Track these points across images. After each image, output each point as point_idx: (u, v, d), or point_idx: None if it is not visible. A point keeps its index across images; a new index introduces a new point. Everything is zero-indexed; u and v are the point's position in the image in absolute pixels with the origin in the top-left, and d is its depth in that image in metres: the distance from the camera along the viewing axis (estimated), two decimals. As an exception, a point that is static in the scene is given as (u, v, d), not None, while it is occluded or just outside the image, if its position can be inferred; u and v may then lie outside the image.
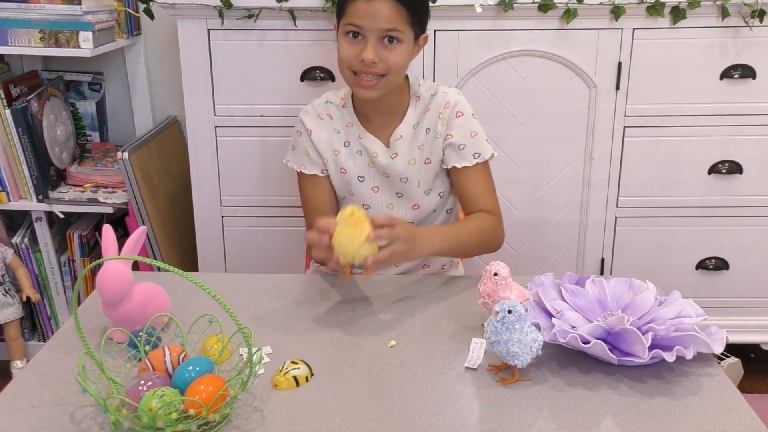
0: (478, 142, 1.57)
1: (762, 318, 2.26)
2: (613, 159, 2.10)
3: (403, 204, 1.62)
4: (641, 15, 1.98)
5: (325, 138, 1.60)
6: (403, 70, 1.52)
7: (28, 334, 2.44)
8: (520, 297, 1.25)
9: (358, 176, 1.60)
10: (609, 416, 1.06)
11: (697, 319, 1.19)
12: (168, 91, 2.51)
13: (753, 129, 2.08)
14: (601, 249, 2.20)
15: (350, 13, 1.45)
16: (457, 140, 1.55)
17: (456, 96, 1.58)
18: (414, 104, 1.59)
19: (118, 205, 2.24)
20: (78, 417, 1.05)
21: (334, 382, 1.14)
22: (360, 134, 1.59)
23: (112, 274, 1.21)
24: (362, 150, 1.60)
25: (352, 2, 1.45)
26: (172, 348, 1.10)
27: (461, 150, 1.55)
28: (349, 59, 1.47)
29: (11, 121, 2.15)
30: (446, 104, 1.57)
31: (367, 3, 1.43)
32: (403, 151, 1.58)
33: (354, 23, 1.45)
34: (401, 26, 1.45)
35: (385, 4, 1.43)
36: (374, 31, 1.44)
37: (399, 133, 1.58)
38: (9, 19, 2.09)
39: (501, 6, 1.94)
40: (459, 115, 1.56)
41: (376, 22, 1.43)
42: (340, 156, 1.60)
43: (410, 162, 1.58)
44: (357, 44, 1.46)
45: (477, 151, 1.56)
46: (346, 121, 1.61)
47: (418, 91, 1.59)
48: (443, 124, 1.56)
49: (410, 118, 1.58)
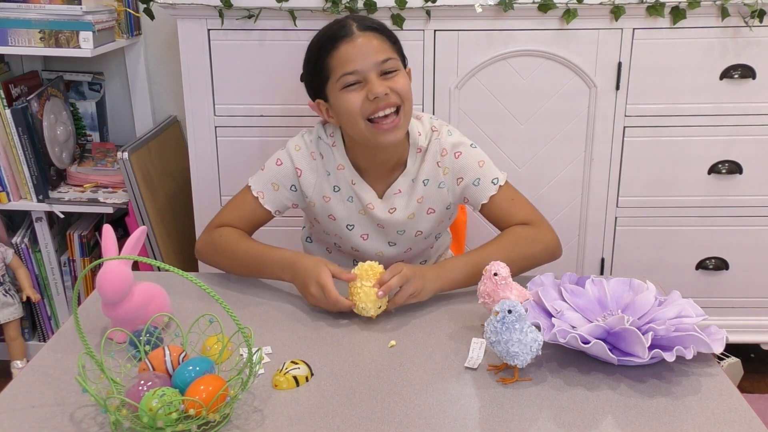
0: (488, 169, 1.50)
1: (762, 318, 2.26)
2: (613, 159, 2.10)
3: (394, 250, 1.57)
4: (641, 15, 1.98)
5: (315, 181, 1.50)
6: (411, 96, 1.43)
7: (28, 334, 2.44)
8: (520, 297, 1.26)
9: (348, 224, 1.53)
10: (609, 416, 1.06)
11: (697, 319, 1.19)
12: (168, 91, 2.52)
13: (753, 129, 2.08)
14: (601, 249, 2.20)
15: (339, 63, 1.38)
16: (471, 178, 1.49)
17: (448, 138, 1.50)
18: (413, 155, 1.50)
19: (118, 205, 2.24)
20: (78, 417, 1.05)
21: (334, 382, 1.14)
22: (353, 180, 1.49)
23: (112, 274, 1.21)
24: (353, 197, 1.51)
25: (336, 51, 1.38)
26: (172, 348, 1.10)
27: (478, 186, 1.49)
28: (361, 107, 1.38)
29: (11, 121, 2.15)
30: (443, 151, 1.49)
31: (352, 43, 1.37)
32: (402, 206, 1.51)
33: (348, 71, 1.37)
34: (393, 55, 1.40)
35: (368, 38, 1.37)
36: (371, 67, 1.37)
37: (398, 187, 1.50)
38: (9, 19, 2.09)
39: (501, 6, 1.94)
40: (458, 155, 1.49)
41: (369, 57, 1.37)
42: (330, 203, 1.51)
43: (409, 217, 1.52)
44: (359, 91, 1.38)
45: (494, 177, 1.50)
46: (337, 163, 1.49)
47: (418, 141, 1.50)
48: (446, 173, 1.50)
49: (410, 171, 1.50)
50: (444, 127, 1.53)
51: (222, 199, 2.17)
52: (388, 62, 1.38)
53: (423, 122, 1.53)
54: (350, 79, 1.38)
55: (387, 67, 1.38)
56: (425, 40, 2.01)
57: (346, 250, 1.61)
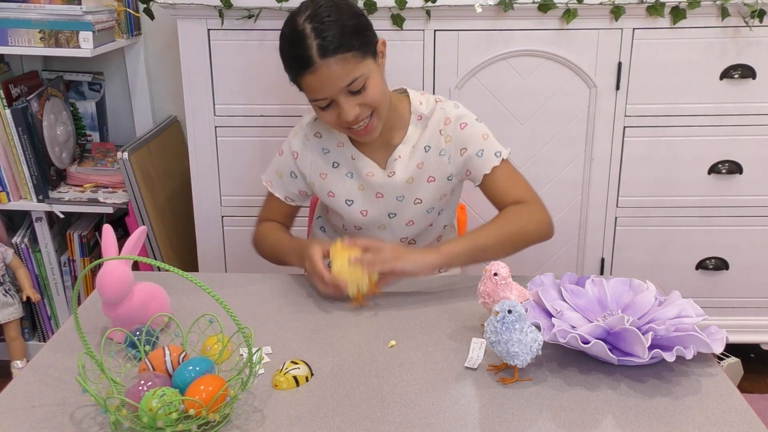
0: (492, 142, 1.52)
1: (762, 318, 2.26)
2: (613, 159, 2.11)
3: (395, 223, 1.59)
4: (641, 15, 1.98)
5: (311, 160, 1.55)
6: (386, 96, 1.45)
7: (28, 334, 2.44)
8: (520, 297, 1.26)
9: (347, 200, 1.56)
10: (609, 416, 1.06)
11: (697, 319, 1.19)
12: (168, 91, 2.52)
13: (753, 129, 2.08)
14: (601, 249, 2.20)
15: (307, 90, 1.40)
16: (474, 149, 1.51)
17: (454, 110, 1.53)
18: (415, 122, 1.53)
19: (118, 205, 2.24)
20: (78, 417, 1.05)
21: (334, 382, 1.14)
22: (352, 155, 1.53)
23: (112, 274, 1.21)
24: (353, 173, 1.55)
25: (302, 80, 1.39)
26: (172, 348, 1.10)
27: (481, 157, 1.50)
28: (334, 125, 1.44)
29: (11, 121, 2.15)
30: (446, 120, 1.52)
31: (314, 75, 1.36)
32: (400, 170, 1.53)
33: (317, 97, 1.39)
34: (357, 70, 1.37)
35: (329, 66, 1.34)
36: (338, 93, 1.37)
37: (398, 153, 1.53)
38: (9, 19, 2.09)
39: (501, 6, 1.94)
40: (464, 126, 1.51)
41: (333, 86, 1.36)
42: (327, 179, 1.55)
43: (408, 181, 1.53)
44: (332, 110, 1.41)
45: (497, 150, 1.51)
46: (337, 141, 1.54)
47: (419, 109, 1.53)
48: (448, 140, 1.51)
49: (411, 138, 1.53)
50: (450, 101, 1.56)
51: (222, 199, 2.17)
52: (354, 83, 1.38)
53: (426, 95, 1.58)
54: (321, 103, 1.41)
55: (354, 87, 1.38)
56: (425, 40, 2.01)
57: (351, 231, 1.63)
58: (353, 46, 1.36)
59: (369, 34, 1.42)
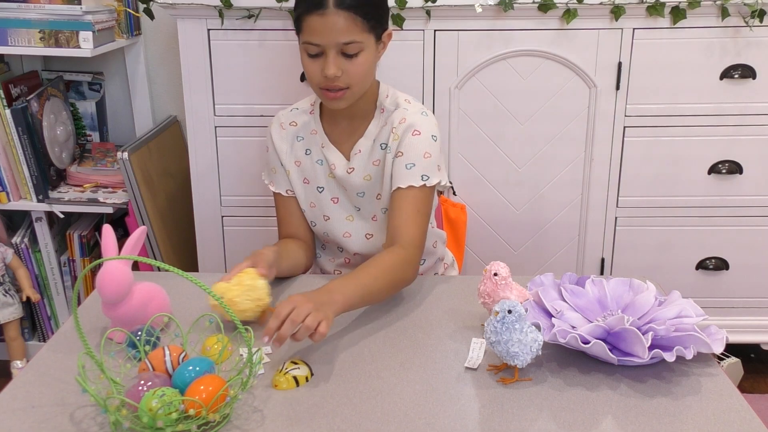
0: (430, 165, 1.48)
1: (762, 318, 2.26)
2: (613, 159, 2.10)
3: (360, 216, 1.60)
4: (641, 15, 1.98)
5: (287, 148, 1.59)
6: (368, 78, 1.49)
7: (28, 334, 2.44)
8: (520, 297, 1.26)
9: (318, 186, 1.59)
10: (609, 416, 1.06)
11: (697, 319, 1.19)
12: (168, 91, 2.51)
13: (753, 129, 2.08)
14: (601, 249, 2.19)
15: (306, 30, 1.42)
16: (407, 159, 1.47)
17: (416, 116, 1.50)
18: (378, 116, 1.55)
19: (118, 205, 2.24)
20: (78, 417, 1.05)
21: (334, 382, 1.14)
22: (322, 143, 1.57)
23: (112, 274, 1.21)
24: (323, 160, 1.57)
25: (306, 18, 1.40)
26: (172, 348, 1.10)
27: (408, 169, 1.47)
28: (314, 76, 1.45)
29: (11, 121, 2.15)
30: (402, 120, 1.50)
31: (321, 18, 1.38)
32: (360, 166, 1.54)
33: (311, 41, 1.41)
34: (359, 36, 1.40)
35: (339, 17, 1.38)
36: (333, 45, 1.40)
37: (359, 147, 1.55)
38: (9, 19, 2.09)
39: (501, 6, 1.94)
40: (415, 133, 1.48)
41: (332, 36, 1.39)
42: (302, 166, 1.59)
43: (365, 178, 1.55)
44: (318, 61, 1.43)
45: (426, 174, 1.47)
46: (311, 128, 1.59)
47: (384, 103, 1.55)
48: (395, 139, 1.50)
49: (371, 132, 1.55)
50: (418, 105, 1.55)
51: (222, 199, 2.17)
52: (350, 45, 1.41)
53: (399, 95, 1.56)
54: (311, 49, 1.43)
55: (348, 50, 1.42)
56: (425, 40, 2.01)
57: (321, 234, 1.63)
58: (367, 15, 1.41)
59: (384, 16, 1.48)
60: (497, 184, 2.12)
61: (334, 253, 1.67)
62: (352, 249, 1.61)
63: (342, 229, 1.60)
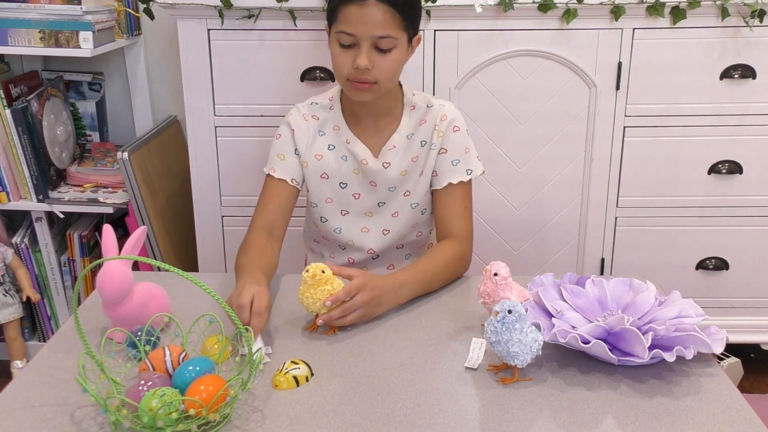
0: (470, 158, 1.57)
1: (762, 318, 2.26)
2: (613, 159, 2.10)
3: (381, 212, 1.60)
4: (641, 15, 1.98)
5: (308, 140, 1.57)
6: (397, 76, 1.50)
7: (28, 334, 2.44)
8: (520, 297, 1.26)
9: (341, 182, 1.58)
10: (609, 416, 1.06)
11: (697, 319, 1.19)
12: (168, 91, 2.52)
13: (753, 129, 2.08)
14: (601, 249, 2.20)
15: (342, 20, 1.42)
16: (452, 155, 1.55)
17: (453, 110, 1.57)
18: (408, 113, 1.57)
19: (118, 205, 2.24)
20: (78, 417, 1.05)
21: (334, 382, 1.14)
22: (347, 139, 1.56)
23: (112, 274, 1.21)
24: (348, 156, 1.57)
25: (344, 7, 1.41)
26: (172, 348, 1.10)
27: (455, 165, 1.55)
28: (343, 67, 1.45)
29: (11, 121, 2.15)
30: (443, 117, 1.55)
31: (360, 8, 1.39)
32: (396, 161, 1.56)
33: (346, 31, 1.42)
34: (394, 31, 1.42)
35: (378, 9, 1.39)
36: (367, 38, 1.41)
37: (393, 142, 1.56)
38: (9, 19, 2.09)
39: (501, 6, 1.94)
40: (456, 129, 1.55)
41: (368, 28, 1.40)
42: (323, 161, 1.57)
43: (402, 173, 1.56)
44: (350, 52, 1.43)
45: (470, 168, 1.56)
46: (333, 124, 1.58)
47: (413, 100, 1.57)
48: (439, 136, 1.55)
49: (404, 128, 1.56)
50: (452, 104, 1.60)
51: (222, 199, 2.17)
52: (384, 40, 1.42)
53: (421, 92, 1.61)
54: (345, 38, 1.43)
55: (381, 44, 1.43)
56: (425, 40, 2.01)
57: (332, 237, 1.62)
58: (404, 12, 1.43)
59: (418, 19, 1.50)
60: (497, 184, 2.12)
61: (335, 251, 1.66)
62: (367, 245, 1.61)
63: (360, 224, 1.61)
